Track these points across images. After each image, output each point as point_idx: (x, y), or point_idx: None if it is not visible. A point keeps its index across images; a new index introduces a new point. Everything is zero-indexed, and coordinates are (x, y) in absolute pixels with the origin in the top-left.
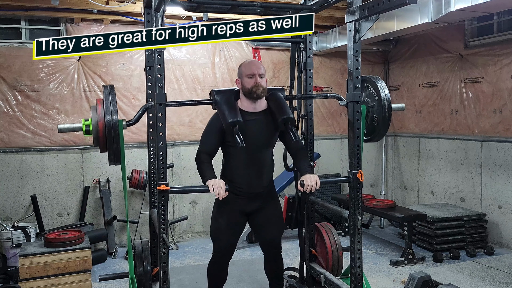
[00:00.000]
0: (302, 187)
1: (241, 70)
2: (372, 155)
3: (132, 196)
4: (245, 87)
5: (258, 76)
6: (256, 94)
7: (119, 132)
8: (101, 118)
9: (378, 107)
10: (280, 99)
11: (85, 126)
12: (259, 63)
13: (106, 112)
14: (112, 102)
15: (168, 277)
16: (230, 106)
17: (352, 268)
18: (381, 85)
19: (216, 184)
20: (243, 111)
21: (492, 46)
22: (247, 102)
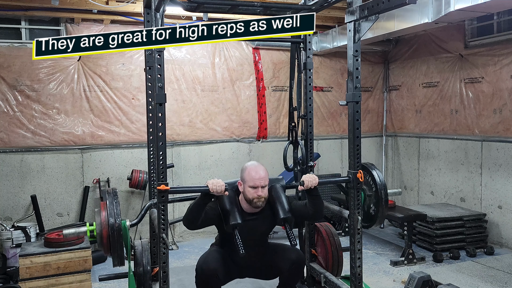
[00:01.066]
0: (302, 186)
1: (245, 176)
2: (372, 155)
3: (132, 196)
4: (246, 196)
5: (261, 188)
6: (257, 205)
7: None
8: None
9: (375, 197)
10: (279, 196)
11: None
12: (263, 170)
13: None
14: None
15: (168, 277)
16: (232, 205)
17: (352, 268)
18: (377, 174)
19: (214, 182)
20: (243, 211)
21: (492, 46)
22: (247, 205)
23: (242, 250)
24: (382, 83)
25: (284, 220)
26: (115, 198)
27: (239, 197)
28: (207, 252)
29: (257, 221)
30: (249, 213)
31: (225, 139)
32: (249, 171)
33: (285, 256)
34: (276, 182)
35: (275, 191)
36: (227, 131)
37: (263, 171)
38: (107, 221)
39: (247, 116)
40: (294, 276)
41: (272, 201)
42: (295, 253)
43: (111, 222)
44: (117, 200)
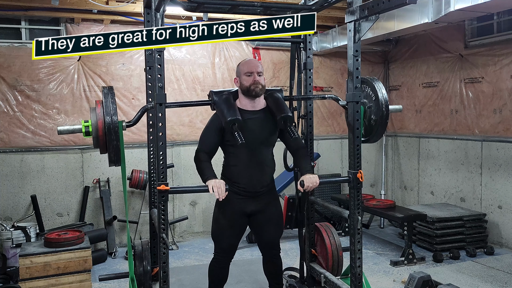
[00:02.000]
0: (302, 187)
1: (239, 68)
2: (372, 155)
3: (132, 196)
4: (243, 85)
5: (257, 74)
6: (255, 92)
7: (119, 132)
8: (100, 119)
9: (375, 107)
10: (279, 98)
11: (84, 128)
12: (257, 61)
13: (105, 113)
14: (112, 103)
15: (168, 277)
16: (229, 105)
17: (352, 268)
18: (379, 86)
19: (216, 184)
20: (242, 110)
21: (492, 46)
22: (245, 101)
23: (242, 139)
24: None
25: (284, 118)
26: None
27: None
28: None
29: (258, 120)
30: (248, 111)
31: None
32: (243, 62)
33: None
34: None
35: (272, 96)
36: None
37: (257, 61)
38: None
39: None
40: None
41: (272, 104)
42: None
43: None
44: (114, 99)
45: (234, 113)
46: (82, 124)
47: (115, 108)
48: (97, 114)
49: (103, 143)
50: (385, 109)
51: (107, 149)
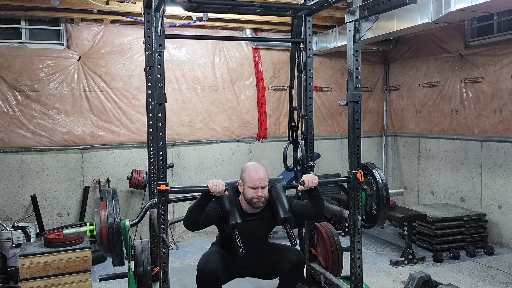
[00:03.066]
0: (302, 186)
1: (245, 176)
2: (372, 155)
3: (132, 196)
4: (246, 196)
5: (260, 189)
6: (256, 206)
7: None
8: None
9: (376, 196)
10: (279, 196)
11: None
12: (262, 171)
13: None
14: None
15: (168, 277)
16: (232, 205)
17: (352, 268)
18: (379, 174)
19: (214, 181)
20: (243, 211)
21: (492, 46)
22: (247, 205)
23: (242, 250)
24: (382, 83)
25: (284, 220)
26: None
27: (239, 198)
28: (207, 252)
29: (257, 221)
30: (249, 213)
31: (225, 139)
32: (249, 172)
33: (285, 257)
34: (276, 182)
35: (275, 191)
36: (227, 131)
37: (263, 172)
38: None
39: (247, 116)
40: (294, 277)
41: (272, 201)
42: (295, 254)
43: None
44: (116, 200)
45: (235, 217)
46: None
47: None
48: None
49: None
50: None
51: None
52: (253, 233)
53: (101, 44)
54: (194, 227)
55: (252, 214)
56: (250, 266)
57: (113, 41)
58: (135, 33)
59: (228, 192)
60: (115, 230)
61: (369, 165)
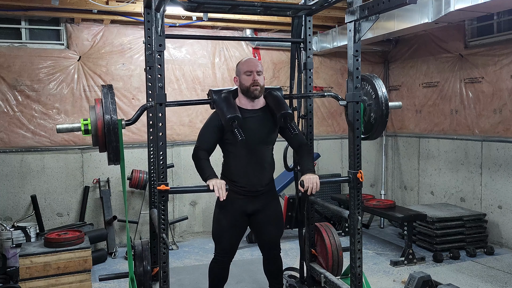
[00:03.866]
0: (302, 188)
1: (239, 67)
2: (372, 155)
3: (132, 196)
4: (243, 85)
5: (256, 73)
6: (254, 94)
7: (118, 131)
8: (100, 117)
9: (375, 105)
10: (278, 96)
11: (84, 126)
12: (256, 60)
13: (105, 111)
14: (111, 101)
15: (168, 277)
16: (229, 103)
17: (352, 268)
18: (379, 84)
19: (216, 184)
20: (242, 109)
21: (492, 46)
22: (245, 100)
23: (242, 136)
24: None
25: (283, 115)
26: (111, 95)
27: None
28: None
29: (257, 119)
30: (248, 109)
31: None
32: (242, 61)
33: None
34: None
35: (271, 95)
36: None
37: (257, 60)
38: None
39: None
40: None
41: (271, 102)
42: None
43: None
44: (113, 98)
45: (233, 111)
46: (81, 122)
47: (114, 106)
48: (97, 113)
49: (102, 141)
50: (385, 107)
51: (106, 148)
52: (254, 131)
53: (101, 44)
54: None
55: (252, 111)
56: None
57: (113, 41)
58: (135, 33)
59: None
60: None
61: (369, 75)
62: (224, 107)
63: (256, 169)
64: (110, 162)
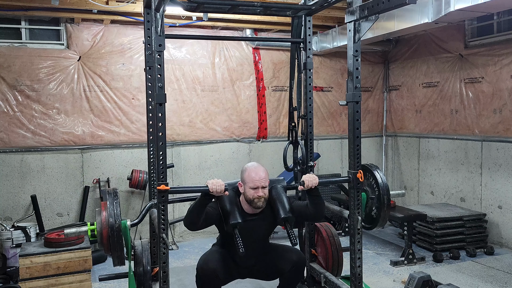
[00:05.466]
0: (303, 186)
1: (245, 177)
2: (372, 155)
3: (132, 196)
4: (247, 196)
5: (261, 189)
6: (257, 206)
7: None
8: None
9: (377, 200)
10: (280, 196)
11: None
12: (263, 171)
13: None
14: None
15: (168, 277)
16: (232, 205)
17: (352, 268)
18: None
19: (214, 181)
20: (244, 211)
21: (492, 46)
22: (247, 205)
23: (242, 249)
24: (382, 83)
25: (284, 219)
26: (115, 198)
27: (239, 198)
28: (207, 252)
29: (258, 221)
30: (250, 213)
31: (225, 139)
32: (249, 172)
33: (286, 257)
34: (277, 183)
35: (275, 191)
36: (227, 131)
37: (263, 172)
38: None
39: (247, 116)
40: (295, 277)
41: (273, 202)
42: (296, 255)
43: (111, 222)
44: (117, 200)
45: (235, 217)
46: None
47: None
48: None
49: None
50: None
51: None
52: (254, 233)
53: (101, 44)
54: (195, 227)
55: (253, 215)
56: (251, 266)
57: (113, 41)
58: (135, 33)
59: (228, 192)
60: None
61: (370, 166)
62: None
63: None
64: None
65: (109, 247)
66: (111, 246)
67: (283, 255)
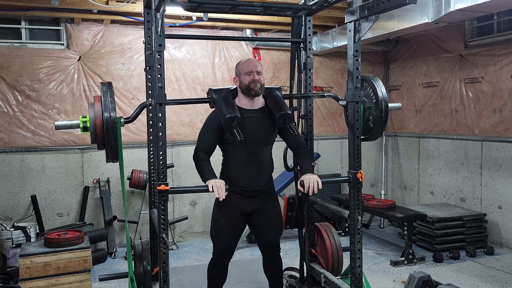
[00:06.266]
0: (303, 188)
1: (239, 68)
2: (372, 155)
3: (132, 196)
4: (243, 84)
5: (256, 73)
6: (254, 91)
7: (117, 129)
8: (99, 115)
9: (375, 108)
10: (278, 97)
11: (82, 123)
12: (256, 60)
13: (104, 108)
14: (110, 100)
15: (168, 277)
16: (228, 103)
17: (352, 268)
18: (379, 85)
19: (216, 184)
20: (241, 109)
21: (492, 46)
22: (245, 100)
23: (241, 136)
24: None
25: (283, 116)
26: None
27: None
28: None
29: (257, 119)
30: (247, 109)
31: None
32: (242, 62)
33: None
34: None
35: (272, 94)
36: None
37: (256, 61)
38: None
39: None
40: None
41: (271, 102)
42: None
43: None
44: (113, 97)
45: (233, 111)
46: (80, 120)
47: (113, 105)
48: (96, 111)
49: (101, 139)
50: (385, 112)
51: (105, 145)
52: (253, 131)
53: (101, 44)
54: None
55: (251, 111)
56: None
57: (113, 41)
58: (135, 33)
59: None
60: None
61: (369, 77)
62: (224, 107)
63: (254, 169)
64: (108, 160)
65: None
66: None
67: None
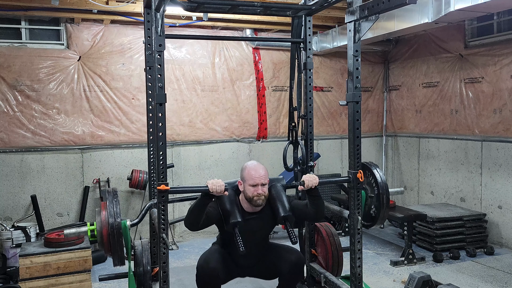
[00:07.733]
0: (303, 186)
1: (245, 175)
2: (372, 155)
3: (132, 196)
4: (246, 194)
5: (261, 186)
6: (257, 203)
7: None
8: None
9: (376, 200)
10: (279, 195)
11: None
12: (262, 169)
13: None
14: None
15: (168, 277)
16: (232, 204)
17: (352, 268)
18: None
19: (214, 181)
20: (244, 210)
21: (492, 46)
22: (247, 204)
23: (242, 248)
24: (382, 83)
25: (284, 218)
26: (115, 197)
27: (239, 197)
28: (208, 251)
29: (258, 220)
30: (250, 212)
31: (225, 139)
32: (249, 170)
33: (285, 258)
34: (276, 181)
35: (275, 190)
36: (227, 131)
37: (263, 170)
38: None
39: (247, 116)
40: (294, 277)
41: (273, 200)
42: (295, 255)
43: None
44: (117, 200)
45: (236, 215)
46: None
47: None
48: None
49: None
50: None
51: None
52: (254, 232)
53: (101, 44)
54: (195, 227)
55: (253, 213)
56: (251, 266)
57: (113, 41)
58: (135, 33)
59: (228, 192)
60: (116, 230)
61: (370, 164)
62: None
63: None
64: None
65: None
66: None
67: (282, 255)
